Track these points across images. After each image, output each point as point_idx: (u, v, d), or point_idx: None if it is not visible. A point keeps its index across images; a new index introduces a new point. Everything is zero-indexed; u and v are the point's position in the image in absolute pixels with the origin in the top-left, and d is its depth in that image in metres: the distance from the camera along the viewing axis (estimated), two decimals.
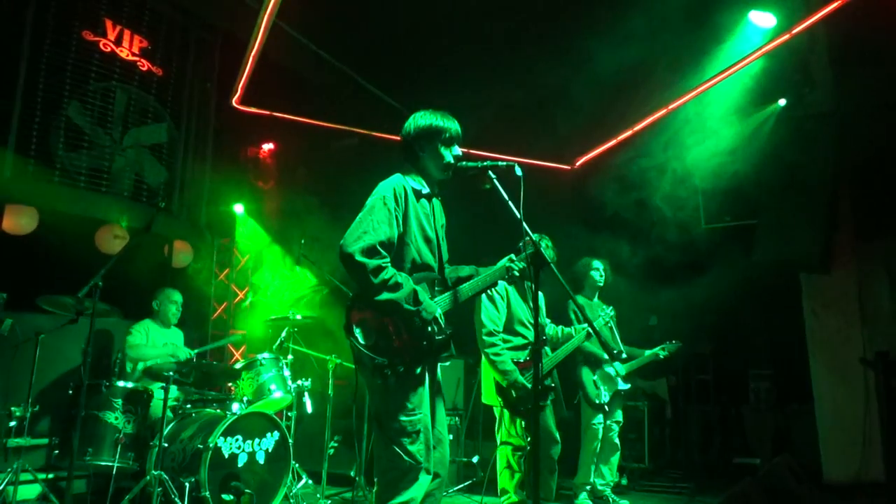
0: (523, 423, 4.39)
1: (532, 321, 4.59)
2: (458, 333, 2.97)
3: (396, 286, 2.75)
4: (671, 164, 7.01)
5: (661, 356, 5.69)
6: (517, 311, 4.59)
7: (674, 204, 7.05)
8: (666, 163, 7.05)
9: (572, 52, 6.15)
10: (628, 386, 5.59)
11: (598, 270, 5.63)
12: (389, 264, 2.80)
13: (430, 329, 2.81)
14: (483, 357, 4.52)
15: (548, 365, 4.58)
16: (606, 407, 5.42)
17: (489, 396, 4.49)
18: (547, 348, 4.70)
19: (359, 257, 2.72)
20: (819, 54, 6.16)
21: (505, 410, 4.41)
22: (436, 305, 2.87)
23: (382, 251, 2.79)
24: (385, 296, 2.73)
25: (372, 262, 2.73)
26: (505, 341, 4.46)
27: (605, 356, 5.44)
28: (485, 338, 4.39)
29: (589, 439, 5.44)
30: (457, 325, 2.97)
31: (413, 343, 2.80)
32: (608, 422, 5.50)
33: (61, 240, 5.76)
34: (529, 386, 4.30)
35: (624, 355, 5.56)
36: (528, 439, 4.36)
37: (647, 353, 5.69)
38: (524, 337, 4.56)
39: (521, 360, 4.43)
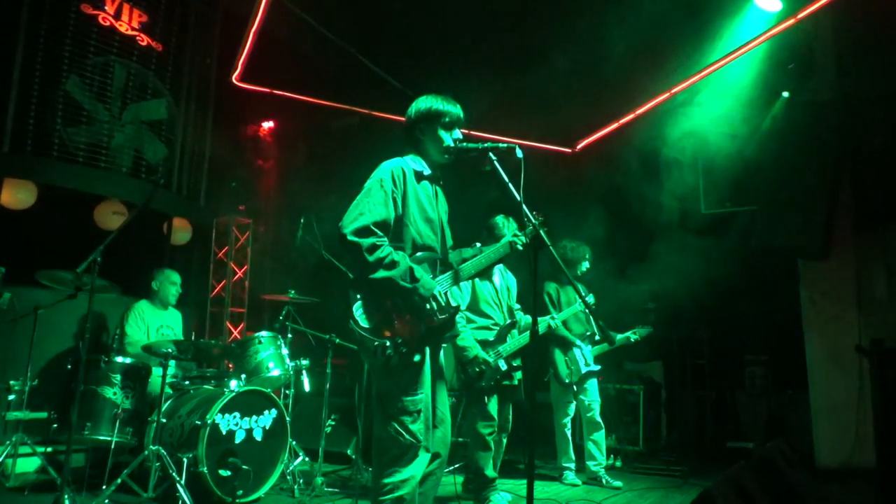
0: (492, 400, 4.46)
1: (498, 301, 4.70)
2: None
3: (392, 264, 2.76)
4: (672, 149, 6.98)
5: (633, 339, 5.84)
6: (481, 292, 4.64)
7: (674, 189, 7.04)
8: (667, 147, 7.03)
9: (575, 35, 6.11)
10: (598, 367, 5.72)
11: (588, 260, 5.75)
12: (386, 244, 2.81)
13: (428, 307, 2.82)
14: None
15: (514, 346, 4.63)
16: (575, 387, 5.60)
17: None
18: (514, 331, 4.76)
19: (353, 238, 2.73)
20: (823, 41, 6.12)
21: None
22: (434, 283, 2.88)
23: (378, 231, 2.79)
24: (381, 273, 2.74)
25: (367, 241, 2.74)
26: (469, 321, 4.52)
27: (576, 340, 5.59)
28: None
29: (560, 417, 5.65)
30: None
31: (414, 322, 2.82)
32: (586, 401, 5.64)
33: (60, 215, 5.74)
34: (492, 361, 4.39)
35: (597, 337, 5.67)
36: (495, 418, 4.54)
37: (619, 336, 5.77)
38: (490, 317, 4.61)
39: (490, 340, 4.50)
